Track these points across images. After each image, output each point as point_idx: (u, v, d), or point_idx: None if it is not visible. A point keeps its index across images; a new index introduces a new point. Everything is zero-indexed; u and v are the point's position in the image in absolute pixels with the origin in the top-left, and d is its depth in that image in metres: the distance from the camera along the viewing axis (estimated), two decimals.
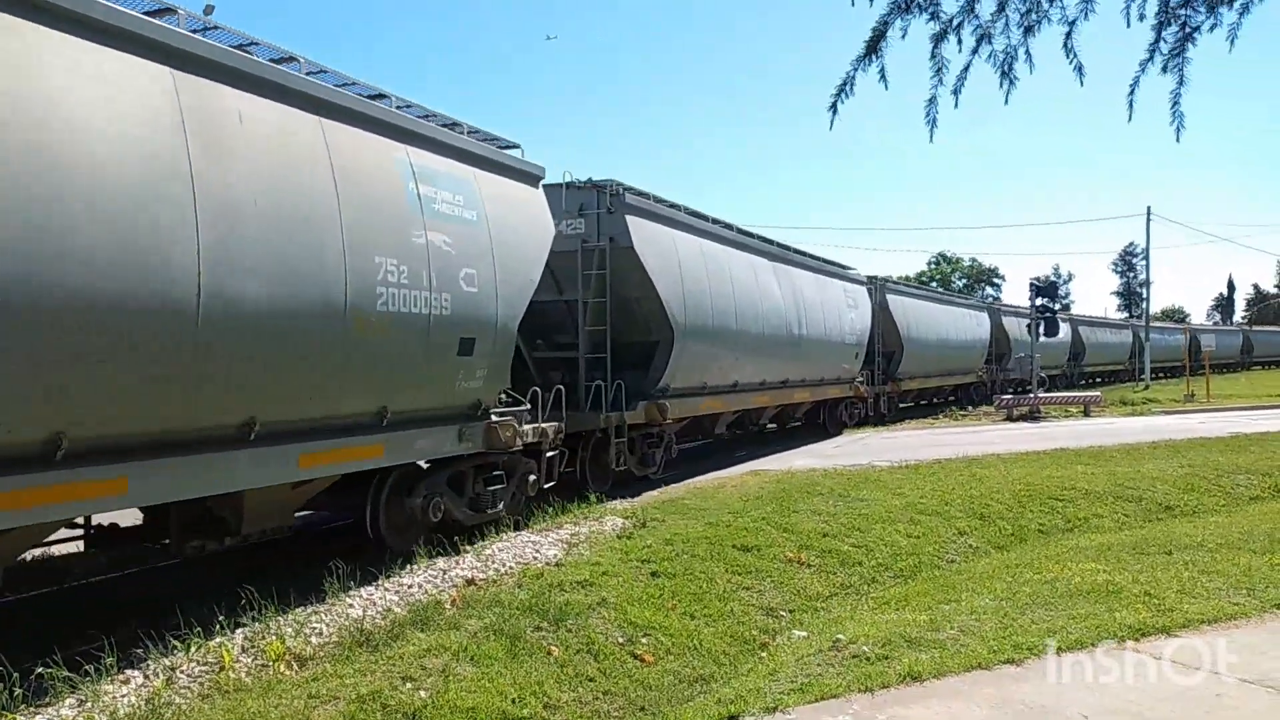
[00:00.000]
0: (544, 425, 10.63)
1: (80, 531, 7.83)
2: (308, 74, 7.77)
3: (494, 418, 9.60)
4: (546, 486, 10.95)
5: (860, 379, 23.01)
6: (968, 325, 32.75)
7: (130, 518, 7.85)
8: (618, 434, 12.62)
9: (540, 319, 11.76)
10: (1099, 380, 49.70)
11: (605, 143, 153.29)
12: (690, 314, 13.69)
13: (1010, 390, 32.60)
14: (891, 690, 5.28)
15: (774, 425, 20.60)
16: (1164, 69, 4.27)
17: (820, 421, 22.26)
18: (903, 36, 4.31)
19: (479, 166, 9.57)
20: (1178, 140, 4.51)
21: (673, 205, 14.39)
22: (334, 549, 8.67)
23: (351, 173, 7.64)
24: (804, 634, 7.57)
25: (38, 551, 8.07)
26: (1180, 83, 4.27)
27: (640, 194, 13.34)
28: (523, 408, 10.26)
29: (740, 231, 17.01)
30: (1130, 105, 4.47)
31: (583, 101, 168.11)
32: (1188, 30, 4.18)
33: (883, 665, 5.70)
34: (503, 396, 10.00)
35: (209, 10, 7.21)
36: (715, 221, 15.75)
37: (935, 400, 32.75)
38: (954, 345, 30.92)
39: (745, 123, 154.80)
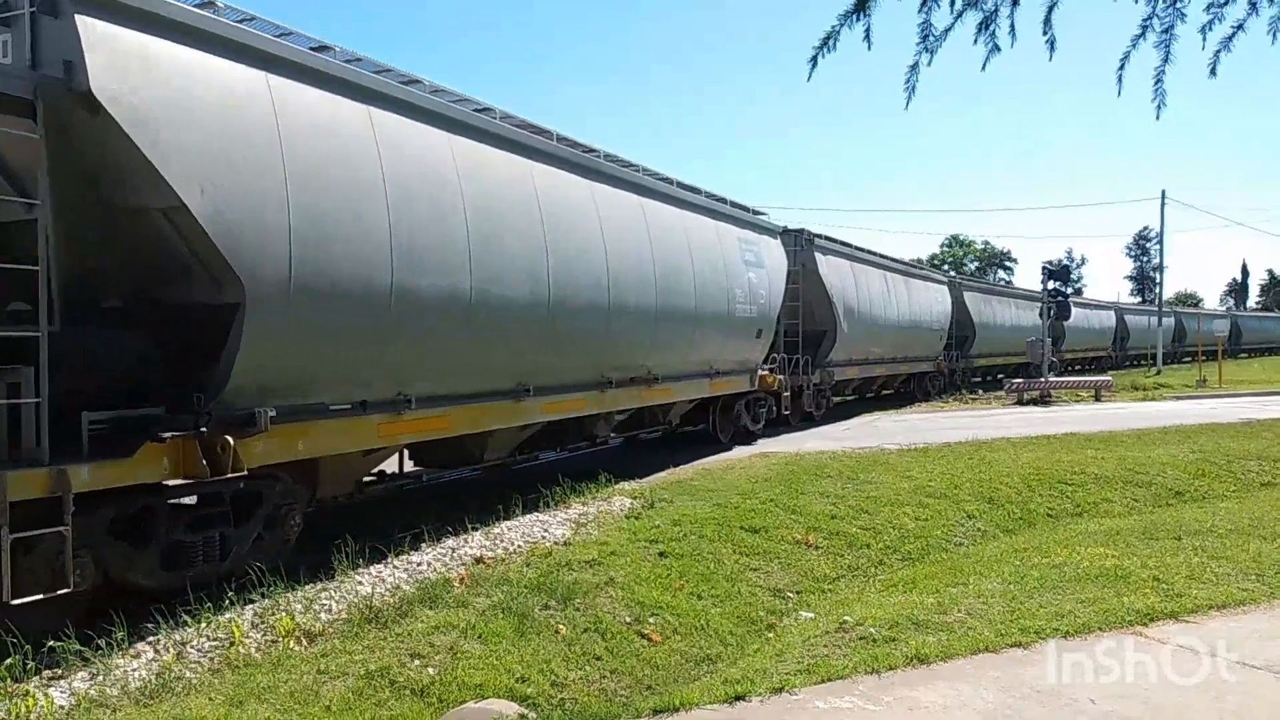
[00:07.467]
0: (782, 377, 17.90)
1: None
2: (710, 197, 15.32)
3: (762, 370, 16.84)
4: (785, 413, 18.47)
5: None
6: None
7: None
8: (806, 387, 19.92)
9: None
10: (1139, 363, 50.59)
11: (618, 115, 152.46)
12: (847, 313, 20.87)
13: (1021, 377, 32.27)
14: (898, 672, 5.29)
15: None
16: (1156, 45, 4.21)
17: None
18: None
19: (759, 232, 16.96)
20: (1157, 118, 4.50)
21: (844, 242, 22.31)
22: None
23: (707, 247, 14.49)
24: (811, 615, 7.60)
25: None
26: (1165, 60, 4.22)
27: (824, 238, 21.12)
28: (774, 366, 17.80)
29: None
30: (1119, 81, 4.44)
31: (593, 70, 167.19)
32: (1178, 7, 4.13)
33: (889, 647, 5.71)
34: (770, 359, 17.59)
35: None
36: (859, 248, 23.10)
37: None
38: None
39: (760, 99, 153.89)
